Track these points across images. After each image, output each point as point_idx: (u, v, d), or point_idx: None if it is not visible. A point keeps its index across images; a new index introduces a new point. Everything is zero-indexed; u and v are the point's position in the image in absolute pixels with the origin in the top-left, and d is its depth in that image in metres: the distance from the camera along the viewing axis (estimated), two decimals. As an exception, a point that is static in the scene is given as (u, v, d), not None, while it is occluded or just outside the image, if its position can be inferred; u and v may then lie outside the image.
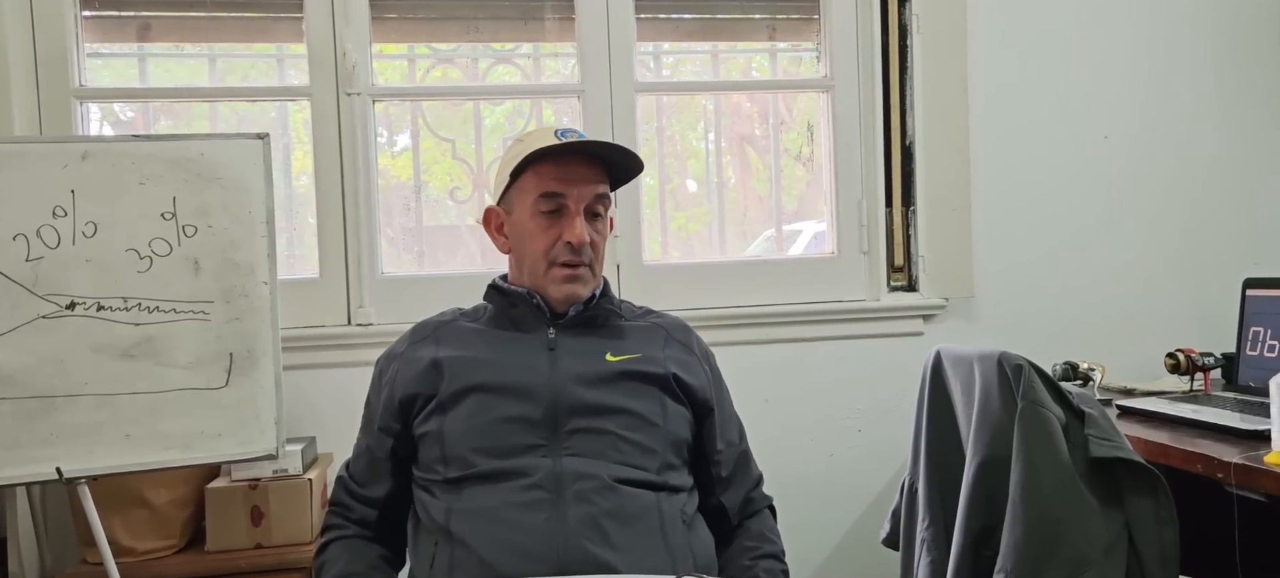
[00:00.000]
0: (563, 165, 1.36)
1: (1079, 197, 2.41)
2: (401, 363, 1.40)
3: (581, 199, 1.37)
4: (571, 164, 1.37)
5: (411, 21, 2.31)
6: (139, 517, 1.84)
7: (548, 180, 1.36)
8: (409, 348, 1.42)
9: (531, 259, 1.39)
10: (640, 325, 1.46)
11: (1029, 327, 2.36)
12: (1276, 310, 1.97)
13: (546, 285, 1.38)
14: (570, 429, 1.30)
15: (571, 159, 1.37)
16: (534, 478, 1.26)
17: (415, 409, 1.36)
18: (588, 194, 1.37)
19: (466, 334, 1.41)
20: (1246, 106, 2.46)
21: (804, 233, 2.49)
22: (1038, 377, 1.44)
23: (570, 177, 1.36)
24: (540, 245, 1.37)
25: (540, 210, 1.37)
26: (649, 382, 1.36)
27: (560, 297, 1.38)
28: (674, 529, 1.29)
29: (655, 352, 1.40)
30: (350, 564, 1.34)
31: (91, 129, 2.17)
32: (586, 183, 1.37)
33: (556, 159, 1.36)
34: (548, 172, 1.36)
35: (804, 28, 2.41)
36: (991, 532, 1.47)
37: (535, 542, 1.22)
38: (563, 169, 1.36)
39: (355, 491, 1.40)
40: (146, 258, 1.71)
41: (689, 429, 1.40)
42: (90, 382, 1.65)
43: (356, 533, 1.38)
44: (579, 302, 1.39)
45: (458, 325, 1.43)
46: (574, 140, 1.36)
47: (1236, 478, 1.45)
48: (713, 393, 1.44)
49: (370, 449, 1.41)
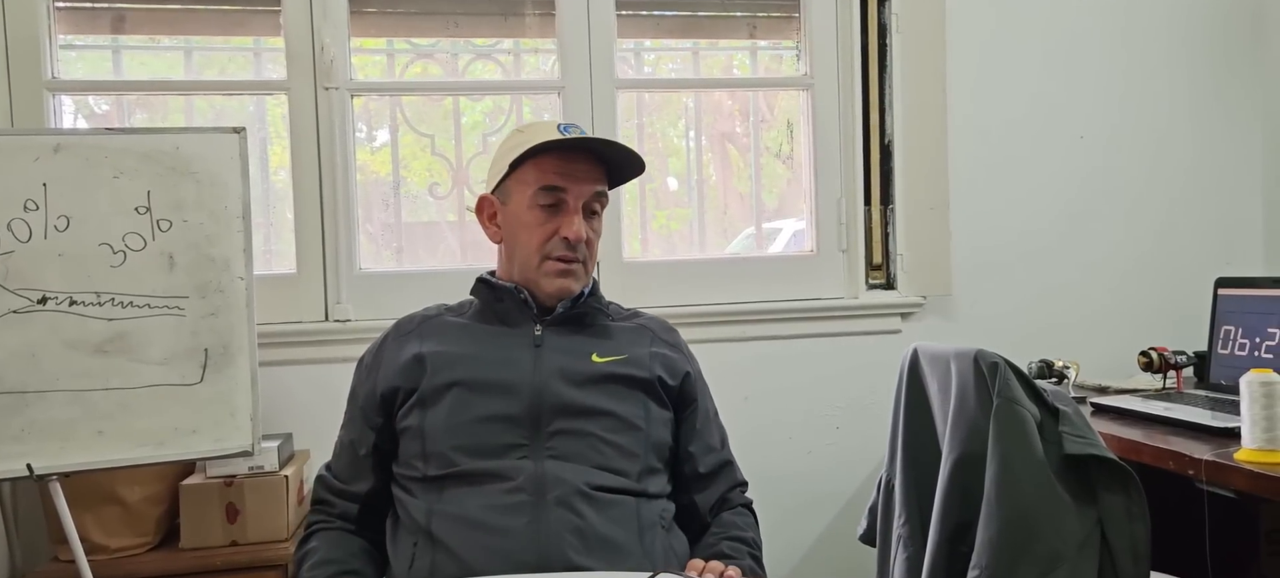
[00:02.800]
0: (565, 160, 1.36)
1: (1055, 196, 2.43)
2: (385, 357, 1.39)
3: (581, 195, 1.36)
4: (574, 160, 1.36)
5: (391, 16, 2.30)
6: (112, 514, 1.82)
7: (549, 174, 1.35)
8: (392, 342, 1.41)
9: (525, 251, 1.38)
10: (627, 327, 1.45)
11: (1005, 325, 2.38)
12: (1247, 309, 2.00)
13: (539, 279, 1.38)
14: (552, 430, 1.30)
15: (574, 155, 1.36)
16: (515, 482, 1.25)
17: (397, 403, 1.35)
18: (588, 191, 1.37)
19: (450, 329, 1.40)
20: (1219, 109, 2.50)
21: (784, 231, 2.50)
22: (1013, 374, 1.45)
23: (572, 172, 1.35)
24: (536, 238, 1.36)
25: (539, 203, 1.36)
26: (634, 385, 1.36)
27: (552, 291, 1.37)
28: (652, 534, 1.29)
29: (641, 353, 1.40)
30: (330, 552, 1.32)
31: (64, 122, 2.14)
32: (588, 180, 1.37)
33: (559, 153, 1.35)
34: (550, 165, 1.35)
35: (784, 26, 2.41)
36: (967, 528, 1.48)
37: (516, 546, 1.21)
38: (565, 164, 1.35)
39: (337, 487, 1.39)
40: (120, 252, 1.69)
41: (670, 433, 1.40)
42: (62, 378, 1.63)
43: (340, 526, 1.37)
44: (569, 298, 1.39)
45: (442, 320, 1.42)
46: (580, 136, 1.35)
47: (1207, 475, 1.47)
48: (697, 386, 1.45)
49: (353, 444, 1.39)
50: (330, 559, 1.31)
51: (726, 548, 1.34)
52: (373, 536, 1.38)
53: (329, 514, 1.38)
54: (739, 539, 1.37)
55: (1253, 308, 1.99)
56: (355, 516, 1.38)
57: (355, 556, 1.34)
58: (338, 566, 1.31)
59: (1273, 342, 1.92)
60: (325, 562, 1.31)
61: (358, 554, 1.35)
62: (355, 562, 1.34)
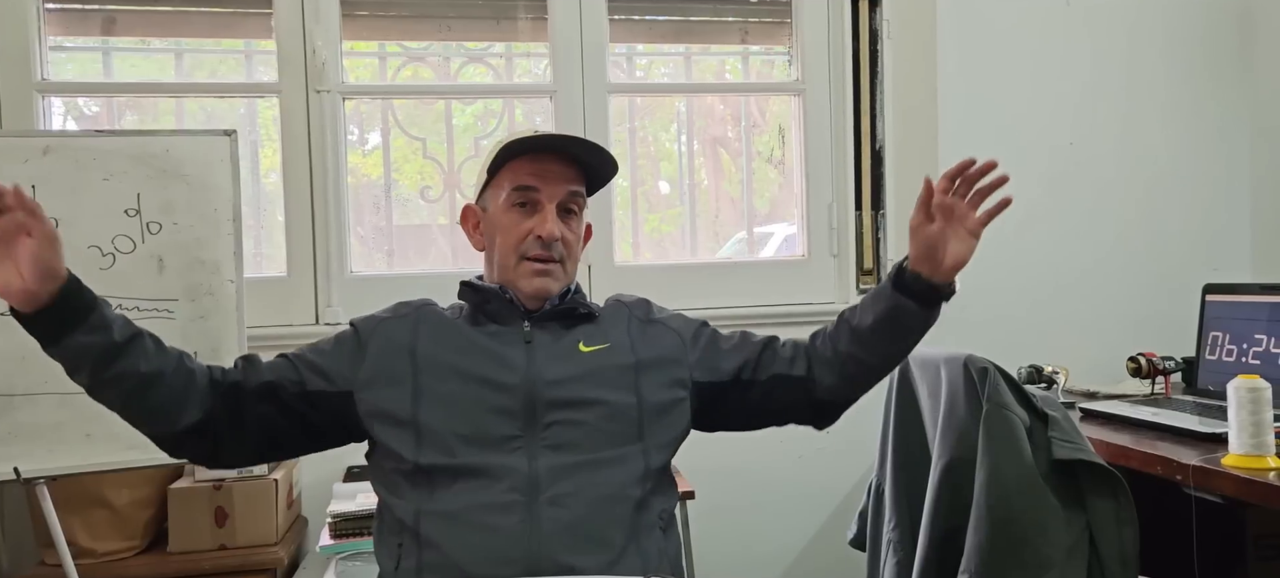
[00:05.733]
0: (537, 161, 1.37)
1: (1045, 202, 2.44)
2: (371, 344, 1.34)
3: (554, 195, 1.37)
4: (546, 160, 1.37)
5: (383, 19, 2.30)
6: (100, 517, 1.81)
7: (522, 175, 1.36)
8: (392, 320, 1.38)
9: (503, 252, 1.38)
10: (607, 312, 1.46)
11: (995, 330, 2.38)
12: (1235, 316, 2.01)
13: (517, 279, 1.38)
14: (547, 422, 1.29)
15: (547, 156, 1.37)
16: (508, 480, 1.25)
17: (370, 390, 1.31)
18: (561, 190, 1.37)
19: (445, 324, 1.40)
20: (1207, 117, 2.51)
21: (775, 235, 2.50)
22: (1003, 380, 1.46)
23: (544, 172, 1.36)
24: (512, 239, 1.37)
25: (513, 203, 1.37)
26: (621, 371, 1.36)
27: (530, 291, 1.37)
28: (649, 536, 1.29)
29: (622, 337, 1.39)
30: (157, 346, 1.23)
31: (54, 124, 2.13)
32: (560, 180, 1.37)
33: (532, 155, 1.37)
34: (522, 167, 1.37)
35: (776, 31, 2.42)
36: (956, 533, 1.49)
37: (507, 545, 1.21)
38: (537, 165, 1.37)
39: (251, 361, 1.31)
40: (109, 255, 1.68)
41: (668, 416, 1.36)
42: (50, 380, 1.61)
43: (206, 366, 1.28)
44: (551, 297, 1.39)
45: (437, 316, 1.41)
46: (547, 133, 1.36)
47: (1195, 480, 1.48)
48: (688, 341, 1.41)
49: (288, 365, 1.31)
50: (158, 348, 1.23)
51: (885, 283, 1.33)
52: (205, 388, 1.26)
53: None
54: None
55: (1240, 314, 2.00)
56: (222, 379, 1.28)
57: (171, 357, 1.24)
58: (153, 340, 1.22)
59: (1259, 348, 1.93)
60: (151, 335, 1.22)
61: (174, 359, 1.24)
62: (164, 357, 1.23)
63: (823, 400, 1.40)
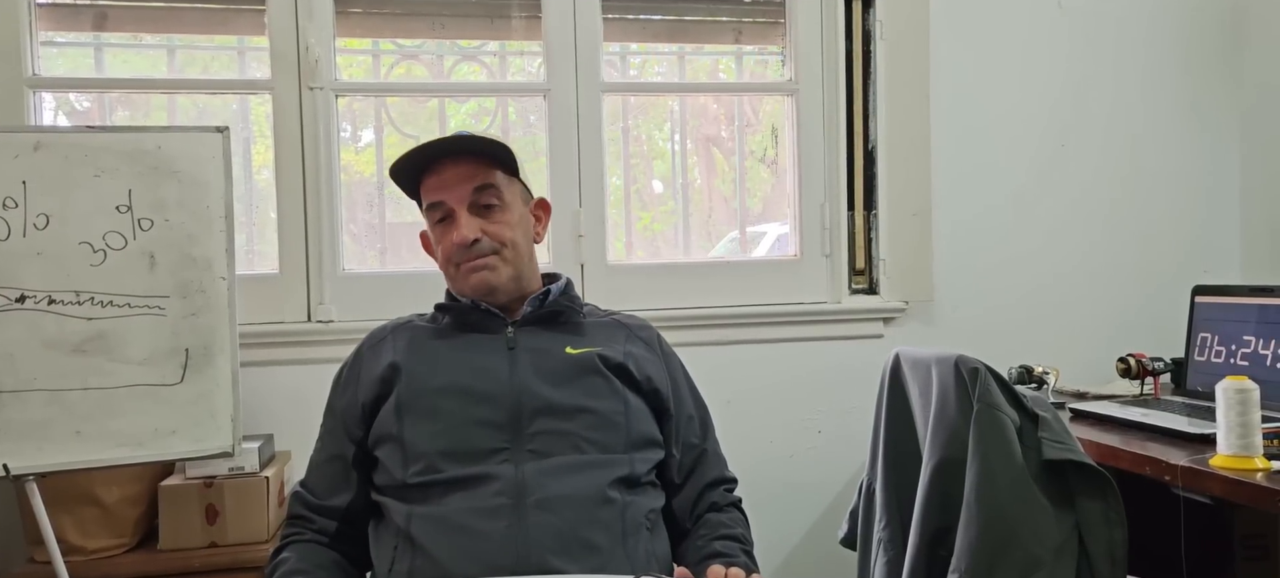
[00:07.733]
0: (435, 173, 1.39)
1: (1036, 203, 2.45)
2: (362, 368, 1.40)
3: (461, 199, 1.38)
4: (441, 170, 1.39)
5: (376, 16, 2.29)
6: (89, 515, 1.80)
7: (429, 191, 1.40)
8: (369, 352, 1.42)
9: (443, 268, 1.43)
10: (601, 322, 1.46)
11: (987, 330, 2.40)
12: (1224, 317, 2.02)
13: (461, 285, 1.41)
14: (533, 430, 1.30)
15: (440, 164, 1.39)
16: (495, 486, 1.25)
17: (376, 413, 1.35)
18: (464, 193, 1.38)
19: (425, 337, 1.41)
20: (1197, 118, 2.53)
21: (768, 235, 2.50)
22: (993, 380, 1.46)
23: (443, 182, 1.38)
24: (442, 253, 1.41)
25: (435, 221, 1.41)
26: (608, 374, 1.36)
27: (470, 289, 1.39)
28: (635, 538, 1.29)
29: (615, 346, 1.40)
30: (300, 562, 1.31)
31: (45, 119, 2.12)
32: (460, 182, 1.38)
33: (430, 169, 1.39)
34: (429, 183, 1.40)
35: (770, 31, 2.43)
36: (947, 532, 1.50)
37: (495, 550, 1.21)
38: (437, 176, 1.39)
39: (314, 503, 1.36)
40: (100, 251, 1.67)
41: (653, 424, 1.39)
42: (40, 377, 1.62)
43: (313, 538, 1.36)
44: (498, 289, 1.39)
45: (414, 326, 1.44)
46: (416, 146, 1.38)
47: (1183, 481, 1.49)
48: (670, 394, 1.43)
49: (332, 459, 1.38)
50: (300, 569, 1.30)
51: (719, 547, 1.33)
52: (348, 549, 1.36)
53: (306, 528, 1.36)
54: (729, 537, 1.36)
55: (1229, 316, 2.01)
56: (332, 532, 1.36)
57: (326, 567, 1.33)
58: (307, 575, 1.30)
59: (1248, 349, 1.94)
60: (295, 572, 1.30)
61: (328, 566, 1.33)
62: (325, 573, 1.32)
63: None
